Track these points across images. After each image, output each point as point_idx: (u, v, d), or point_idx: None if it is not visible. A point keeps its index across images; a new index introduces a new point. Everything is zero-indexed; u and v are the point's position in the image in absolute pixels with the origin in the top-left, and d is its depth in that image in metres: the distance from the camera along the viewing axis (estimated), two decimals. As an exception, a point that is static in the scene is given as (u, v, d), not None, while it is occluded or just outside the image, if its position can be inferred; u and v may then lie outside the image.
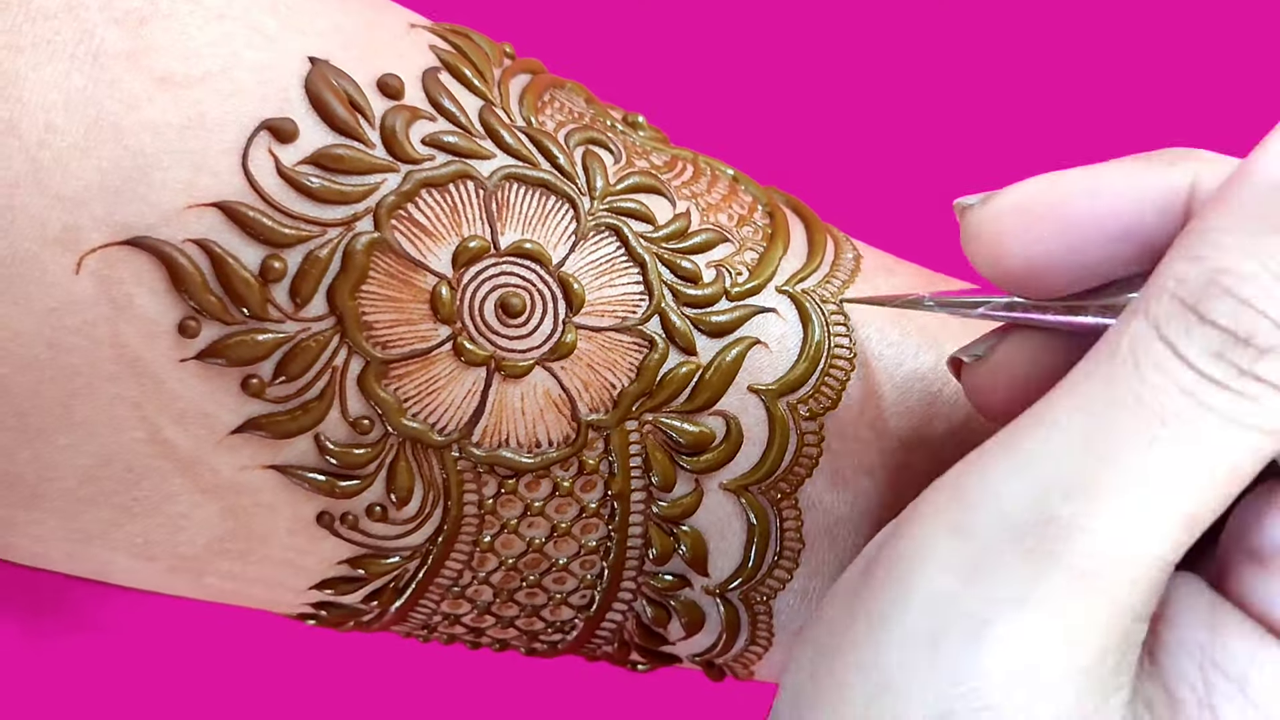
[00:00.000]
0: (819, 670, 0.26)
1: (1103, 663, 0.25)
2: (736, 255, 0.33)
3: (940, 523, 0.26)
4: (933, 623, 0.25)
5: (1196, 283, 0.24)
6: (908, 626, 0.25)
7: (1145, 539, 0.24)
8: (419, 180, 0.30)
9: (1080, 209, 0.27)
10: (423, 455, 0.31)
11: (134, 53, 0.29)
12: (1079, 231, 0.27)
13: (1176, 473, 0.24)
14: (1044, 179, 0.28)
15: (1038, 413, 0.25)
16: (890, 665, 0.25)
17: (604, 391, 0.32)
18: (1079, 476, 0.24)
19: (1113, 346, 0.25)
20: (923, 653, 0.25)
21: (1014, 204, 0.28)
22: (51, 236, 0.28)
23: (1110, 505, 0.24)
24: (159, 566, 0.32)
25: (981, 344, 0.30)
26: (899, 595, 0.25)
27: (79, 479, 0.30)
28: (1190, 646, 0.25)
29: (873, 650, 0.26)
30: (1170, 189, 0.27)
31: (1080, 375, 0.25)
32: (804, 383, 0.32)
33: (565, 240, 0.31)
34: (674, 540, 0.33)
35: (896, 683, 0.25)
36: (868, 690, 0.25)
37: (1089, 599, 0.25)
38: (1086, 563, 0.24)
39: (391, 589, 0.33)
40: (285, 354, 0.30)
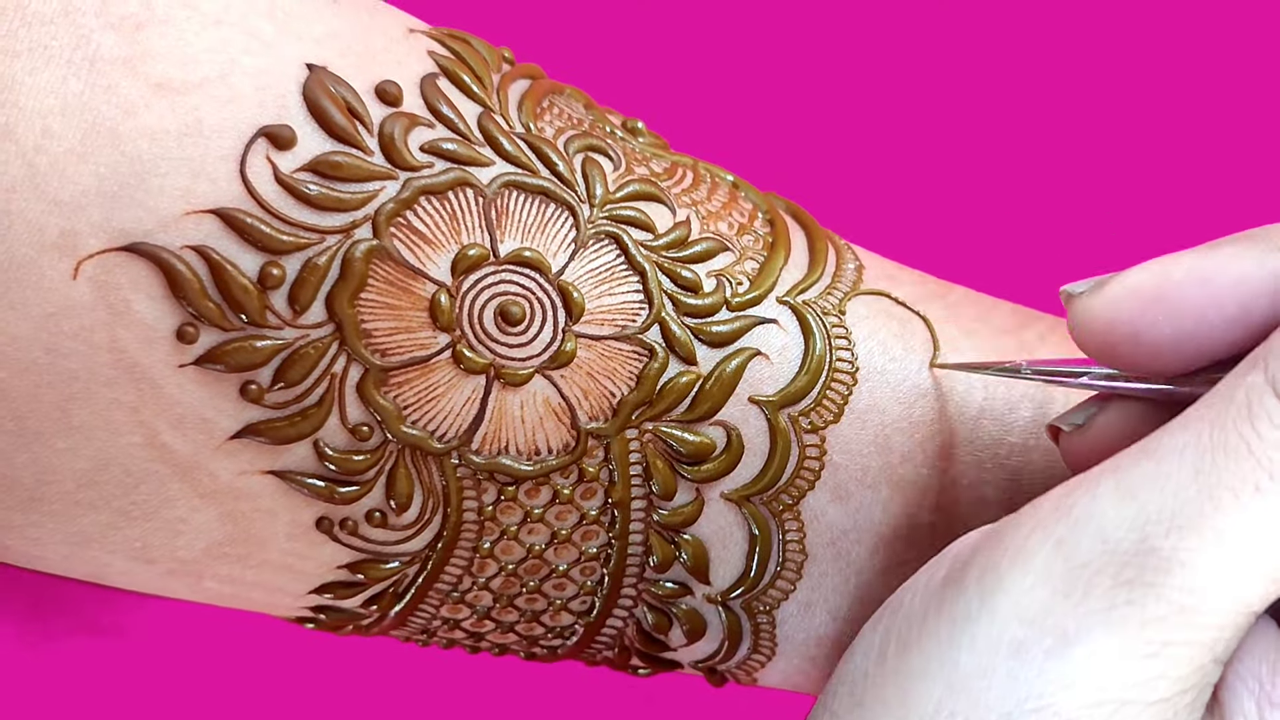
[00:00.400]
0: (889, 657, 0.27)
1: (1181, 698, 0.25)
2: (737, 265, 0.33)
3: (1042, 535, 0.26)
4: (1020, 631, 0.26)
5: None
6: (994, 631, 0.26)
7: (1238, 584, 0.25)
8: (418, 188, 0.30)
9: (1195, 294, 0.28)
10: (422, 462, 0.31)
11: (131, 59, 0.29)
12: (1192, 318, 0.28)
13: (1277, 523, 0.25)
14: (1156, 264, 0.29)
15: (1148, 445, 0.26)
16: (969, 667, 0.26)
17: (604, 400, 0.31)
18: (1183, 512, 0.25)
19: (1228, 394, 0.26)
20: (1004, 660, 0.25)
21: (1128, 291, 0.28)
22: (49, 242, 0.28)
23: (1210, 544, 0.25)
24: (157, 570, 0.32)
25: (1080, 412, 0.31)
26: (989, 598, 0.26)
27: (77, 482, 0.30)
28: (1250, 682, 0.26)
29: (954, 649, 0.26)
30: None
31: (1193, 416, 0.26)
32: (805, 395, 0.32)
33: (565, 248, 0.31)
34: (675, 548, 0.32)
35: (973, 687, 0.26)
36: (941, 687, 0.26)
37: (1179, 633, 0.25)
38: (1181, 597, 0.25)
39: (391, 594, 0.32)
40: (284, 360, 0.30)
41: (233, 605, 0.34)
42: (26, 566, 0.33)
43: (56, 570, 0.33)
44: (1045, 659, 0.25)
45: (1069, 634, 0.25)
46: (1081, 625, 0.25)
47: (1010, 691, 0.25)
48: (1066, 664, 0.25)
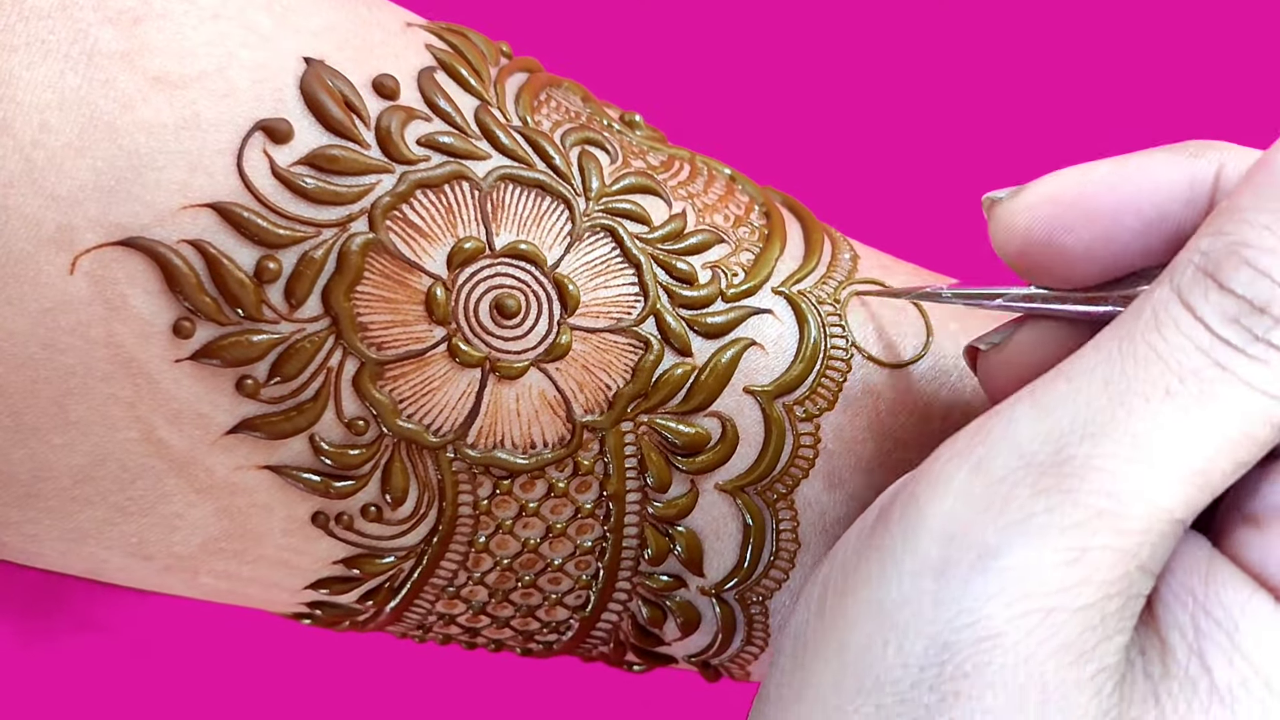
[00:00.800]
0: (827, 607, 0.27)
1: (1107, 604, 0.25)
2: (732, 256, 0.33)
3: (959, 460, 0.26)
4: (941, 552, 0.26)
5: (1218, 254, 0.26)
6: (918, 557, 0.26)
7: (1156, 486, 0.25)
8: (414, 181, 0.30)
9: (1110, 198, 0.28)
10: (418, 456, 0.31)
11: (128, 53, 0.29)
12: (1108, 220, 0.28)
13: (1189, 425, 0.25)
14: (1073, 170, 0.29)
15: (1062, 368, 0.26)
16: (896, 598, 0.26)
17: (599, 393, 0.31)
18: (1095, 420, 0.25)
19: (1137, 309, 0.26)
20: (929, 584, 0.26)
21: (1045, 195, 0.29)
22: (46, 236, 0.28)
23: (1124, 447, 0.25)
24: (154, 566, 0.32)
25: (998, 333, 0.31)
26: (912, 527, 0.26)
27: (73, 478, 0.30)
28: (1184, 596, 0.26)
29: (882, 584, 0.26)
30: (1197, 178, 0.28)
31: (1104, 336, 0.26)
32: (800, 384, 0.32)
33: (560, 241, 0.31)
34: (669, 540, 0.33)
35: (901, 615, 0.26)
36: (873, 624, 0.26)
37: (1098, 537, 0.25)
38: (1098, 501, 0.25)
39: (386, 589, 0.32)
40: (280, 355, 0.30)
41: (229, 601, 0.34)
42: (24, 563, 0.33)
43: (54, 566, 0.33)
44: (969, 574, 0.25)
45: (990, 547, 0.25)
46: (1002, 537, 0.25)
47: (938, 613, 0.25)
48: (989, 576, 0.25)
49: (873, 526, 0.27)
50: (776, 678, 0.28)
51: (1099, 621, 0.25)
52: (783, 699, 0.27)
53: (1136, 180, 0.28)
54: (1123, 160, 0.29)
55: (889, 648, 0.26)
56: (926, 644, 0.25)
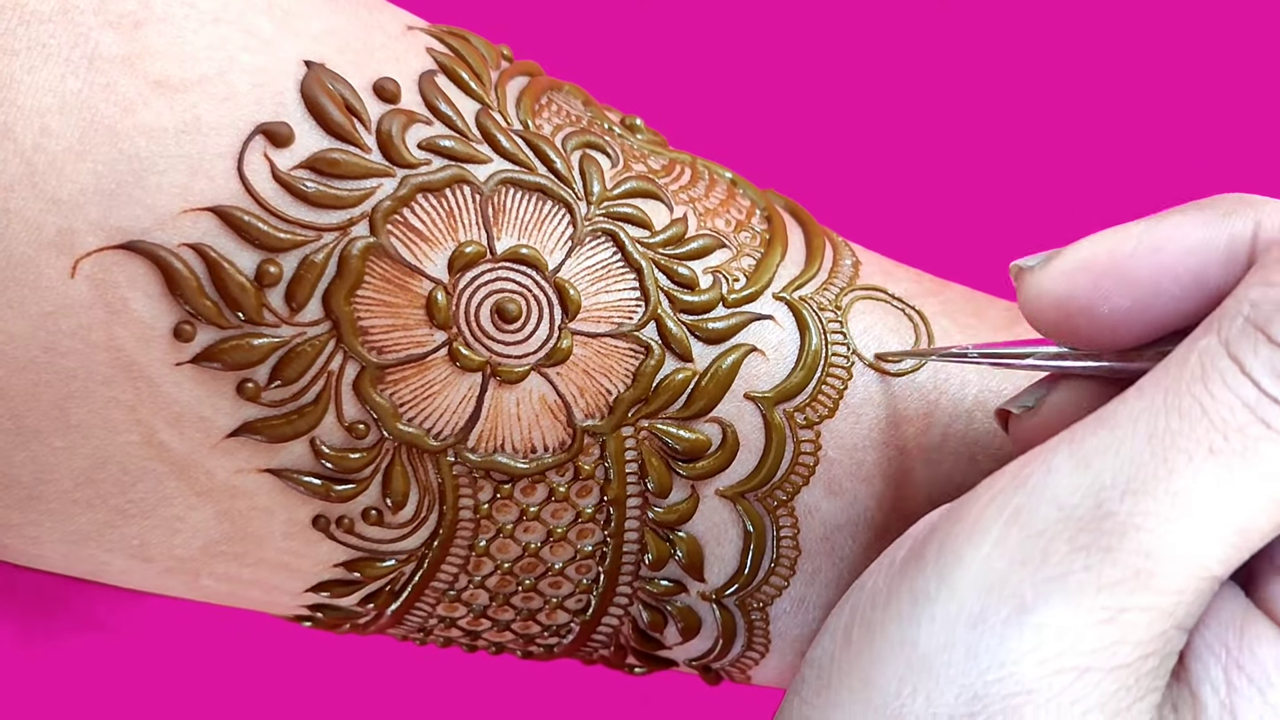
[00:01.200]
0: (854, 639, 0.27)
1: (1142, 664, 0.25)
2: (734, 261, 0.33)
3: (998, 507, 0.26)
4: (977, 603, 0.25)
5: (1267, 306, 0.25)
6: (953, 605, 0.26)
7: (1195, 546, 0.25)
8: (415, 185, 0.30)
9: (1147, 265, 0.28)
10: (418, 460, 0.31)
11: (129, 57, 0.29)
12: (1146, 287, 0.28)
13: (1233, 485, 0.25)
14: (1106, 237, 0.28)
15: (1103, 414, 0.26)
16: (929, 643, 0.26)
17: (600, 397, 0.31)
18: (1138, 476, 0.25)
19: (1182, 358, 0.26)
20: (963, 633, 0.25)
21: (1079, 263, 0.28)
22: (47, 240, 0.28)
23: (1164, 505, 0.25)
24: (155, 568, 0.32)
25: (1030, 395, 0.31)
26: (947, 573, 0.26)
27: (74, 481, 0.30)
28: (1218, 649, 0.26)
29: (914, 627, 0.26)
30: (1235, 237, 0.27)
31: (1148, 383, 0.26)
32: (801, 390, 0.32)
33: (562, 245, 0.31)
34: (670, 546, 0.33)
35: (934, 662, 0.25)
36: (903, 666, 0.26)
37: (1135, 597, 0.25)
38: (1137, 560, 0.25)
39: (387, 592, 0.33)
40: (281, 358, 0.30)
41: (230, 603, 0.34)
42: (26, 565, 0.34)
43: (56, 568, 0.33)
44: (1004, 628, 0.25)
45: (1026, 602, 0.25)
46: (1039, 593, 0.25)
47: (971, 664, 0.25)
48: (1025, 632, 0.25)
49: (905, 561, 0.27)
50: (798, 704, 0.27)
51: (1134, 682, 0.25)
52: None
53: (1173, 246, 0.28)
54: (1155, 223, 0.28)
55: (918, 695, 0.25)
56: (957, 693, 0.25)
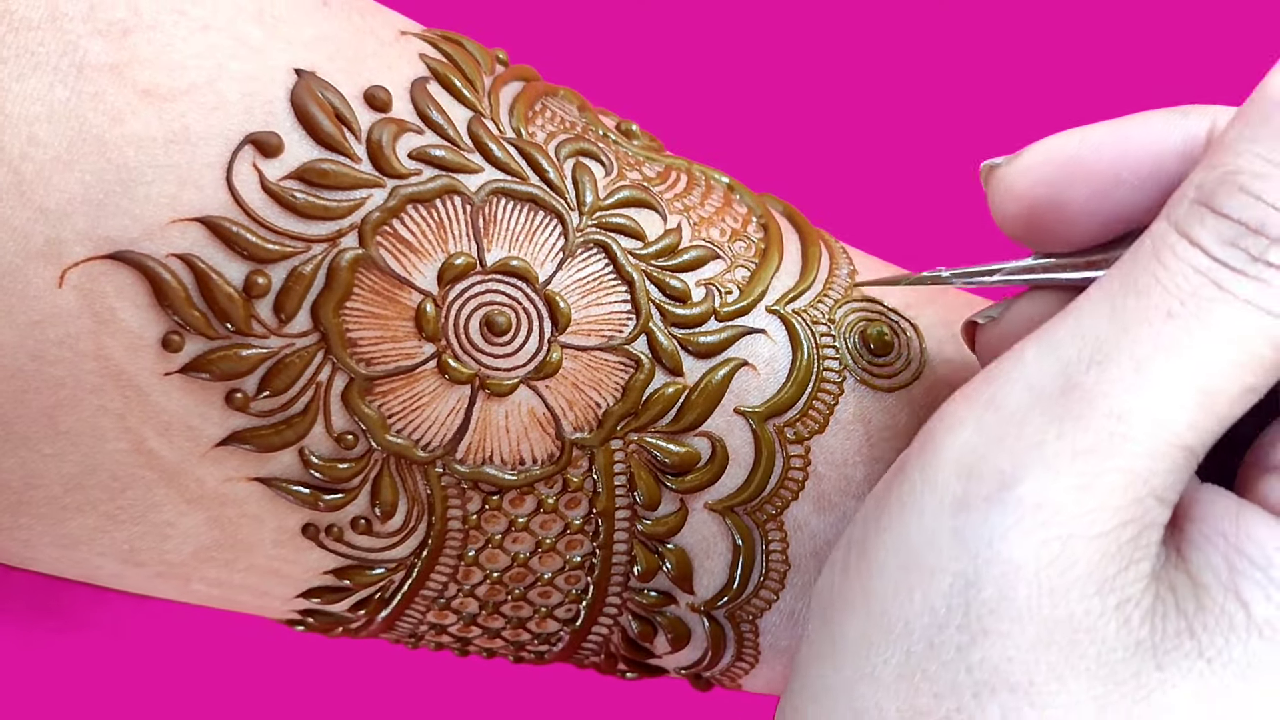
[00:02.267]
0: (851, 562, 0.27)
1: (1122, 531, 0.25)
2: (727, 273, 0.32)
3: (972, 398, 0.27)
4: (959, 486, 0.26)
5: (1211, 184, 0.26)
6: (937, 493, 0.26)
7: (1162, 407, 0.25)
8: (405, 196, 0.30)
9: (1108, 156, 0.29)
10: (407, 470, 0.31)
11: (118, 65, 0.29)
12: (1107, 177, 0.29)
13: (1191, 345, 0.25)
14: (1071, 132, 0.29)
15: (1069, 308, 0.27)
16: (919, 539, 0.26)
17: (589, 410, 0.31)
18: (1101, 349, 0.26)
19: (1136, 246, 0.27)
20: (948, 519, 0.26)
21: (1044, 156, 0.29)
22: (34, 250, 0.28)
23: (1129, 373, 0.25)
24: (146, 572, 0.32)
25: (995, 306, 0.31)
26: (929, 466, 0.26)
27: (64, 487, 0.30)
28: (1215, 538, 0.26)
29: (903, 527, 0.26)
30: (1190, 133, 0.29)
31: (1107, 276, 0.27)
32: (791, 406, 0.32)
33: (553, 257, 0.31)
34: (659, 558, 0.32)
35: (924, 557, 0.26)
36: (897, 571, 0.26)
37: (1109, 461, 0.25)
38: (1107, 424, 0.25)
39: (377, 600, 0.33)
40: (269, 369, 0.30)
41: (222, 607, 0.34)
42: (21, 566, 0.34)
43: (49, 571, 0.33)
44: (987, 506, 0.25)
45: (1006, 477, 0.25)
46: (1017, 464, 0.25)
47: (960, 549, 0.26)
48: (1007, 507, 0.25)
49: (888, 479, 0.27)
50: (807, 642, 0.28)
51: (1115, 550, 0.25)
52: (814, 658, 0.27)
53: (1133, 139, 0.29)
54: (1118, 122, 0.29)
55: (915, 591, 0.26)
56: (951, 580, 0.25)
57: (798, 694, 0.28)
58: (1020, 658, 0.25)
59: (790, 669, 0.34)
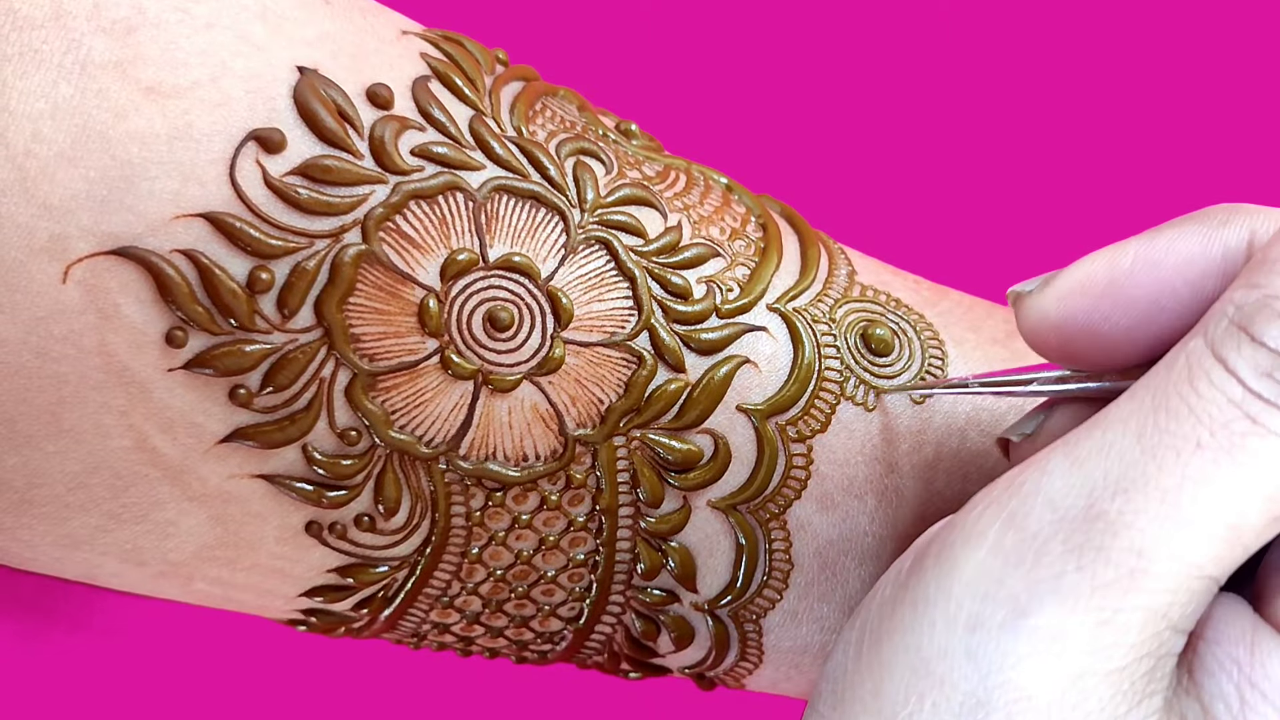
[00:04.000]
0: (864, 651, 0.27)
1: (1138, 666, 0.25)
2: (728, 271, 0.33)
3: (994, 511, 0.26)
4: (974, 606, 0.25)
5: (1251, 307, 0.25)
6: (951, 609, 0.26)
7: (1186, 542, 0.25)
8: (407, 192, 0.30)
9: (1144, 282, 0.28)
10: (410, 467, 0.31)
11: (121, 62, 0.29)
12: (1145, 305, 0.28)
13: (1220, 479, 0.25)
14: (1101, 257, 0.28)
15: (1097, 419, 0.26)
16: (931, 649, 0.26)
17: (592, 407, 0.31)
18: (1127, 475, 0.25)
19: (1170, 361, 0.26)
20: (962, 638, 0.25)
21: (1076, 286, 0.28)
22: (38, 245, 0.28)
23: (1154, 503, 0.25)
24: (148, 572, 0.32)
25: (1029, 421, 0.31)
26: (945, 578, 0.26)
27: (67, 485, 0.30)
28: (1228, 665, 0.26)
29: (917, 633, 0.26)
30: (1229, 248, 0.28)
31: (1138, 387, 0.26)
32: (794, 404, 0.32)
33: (555, 253, 0.31)
34: (663, 556, 0.32)
35: (937, 668, 0.26)
36: (909, 674, 0.26)
37: (1129, 599, 0.25)
38: (1129, 560, 0.25)
39: (380, 598, 0.33)
40: (273, 365, 0.30)
41: (224, 607, 0.34)
42: (21, 568, 0.34)
43: (49, 571, 0.33)
44: (1000, 632, 0.25)
45: (1021, 605, 0.25)
46: (1033, 595, 0.25)
47: (972, 669, 0.25)
48: (1021, 636, 0.25)
49: (909, 571, 0.27)
50: (815, 719, 0.27)
51: (1129, 686, 0.25)
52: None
53: (1170, 261, 0.28)
54: (1150, 239, 0.28)
55: (925, 701, 0.25)
56: (963, 699, 0.25)
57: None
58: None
59: (794, 669, 0.34)
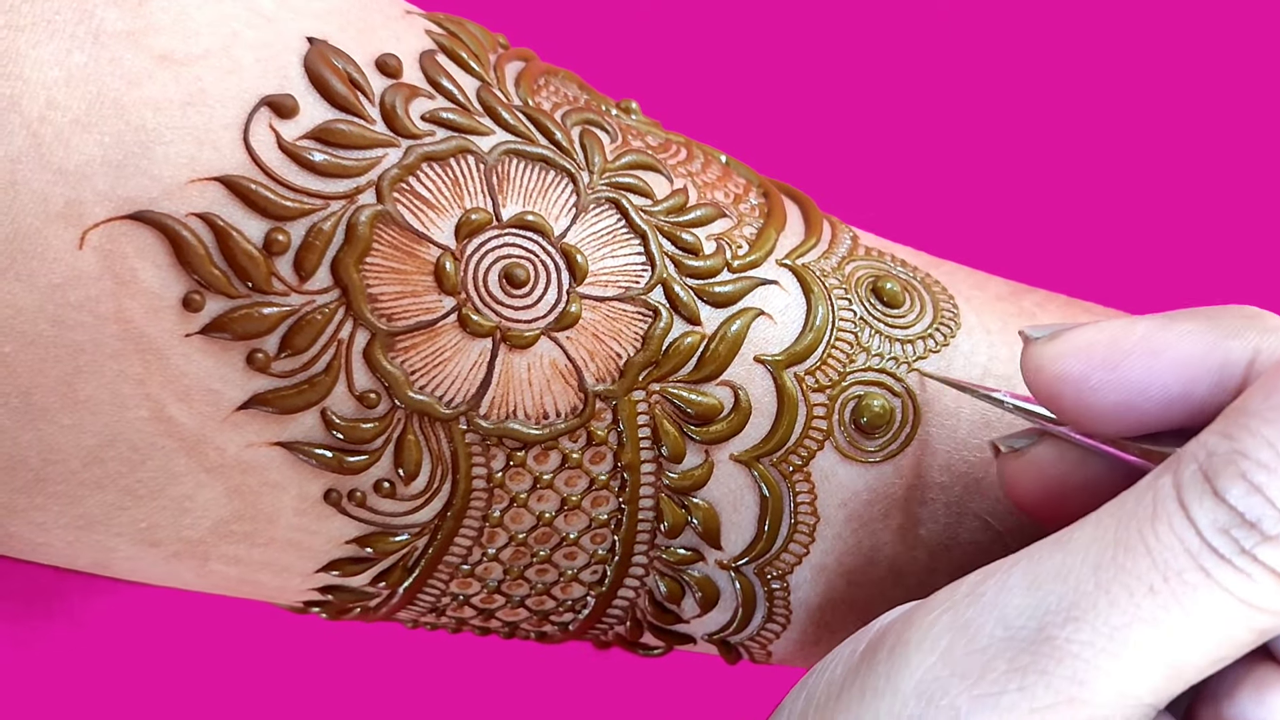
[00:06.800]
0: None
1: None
2: (735, 229, 0.33)
3: (950, 617, 0.27)
4: (917, 709, 0.26)
5: (1219, 459, 0.26)
6: (896, 706, 0.27)
7: (1131, 680, 0.26)
8: (420, 154, 0.30)
9: (1139, 368, 0.29)
10: (430, 428, 0.31)
11: (134, 32, 0.29)
12: (1134, 389, 0.29)
13: (1169, 624, 0.26)
14: (1111, 329, 0.29)
15: (1062, 537, 0.27)
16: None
17: (610, 361, 0.31)
18: (1080, 605, 0.26)
19: (1139, 494, 0.26)
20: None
21: (1078, 349, 0.29)
22: (54, 212, 0.29)
23: (1101, 637, 0.26)
24: (163, 552, 0.32)
25: (1022, 438, 0.31)
26: (894, 673, 0.27)
27: (83, 460, 0.30)
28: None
29: (859, 717, 0.27)
30: (1229, 362, 0.28)
31: (1106, 512, 0.27)
32: (811, 353, 0.32)
33: (566, 212, 0.31)
34: (686, 512, 0.32)
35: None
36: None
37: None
38: (1070, 688, 0.26)
39: (400, 568, 0.32)
40: (290, 327, 0.30)
41: (239, 592, 0.34)
42: (29, 558, 0.33)
43: (60, 559, 0.33)
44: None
45: (960, 714, 0.26)
46: (972, 708, 0.26)
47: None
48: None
49: (861, 657, 0.28)
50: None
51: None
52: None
53: (1169, 355, 0.28)
54: (1161, 326, 0.29)
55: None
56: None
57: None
58: None
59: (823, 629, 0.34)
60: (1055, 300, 0.35)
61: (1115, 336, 0.29)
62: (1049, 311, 0.35)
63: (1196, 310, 0.29)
